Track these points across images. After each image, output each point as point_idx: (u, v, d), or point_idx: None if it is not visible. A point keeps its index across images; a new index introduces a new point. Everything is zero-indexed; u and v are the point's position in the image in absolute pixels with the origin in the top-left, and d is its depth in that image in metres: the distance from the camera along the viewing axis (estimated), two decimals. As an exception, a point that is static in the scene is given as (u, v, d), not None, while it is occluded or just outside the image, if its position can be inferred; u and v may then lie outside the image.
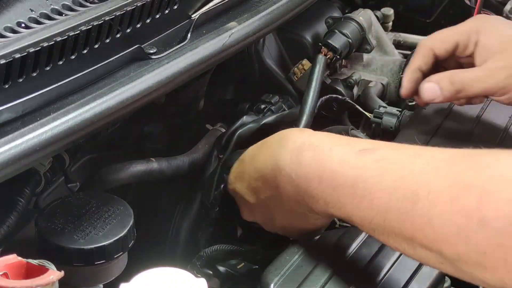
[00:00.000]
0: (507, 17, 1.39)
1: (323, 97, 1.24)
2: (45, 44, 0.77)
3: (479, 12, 1.38)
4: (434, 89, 1.03)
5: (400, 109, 1.22)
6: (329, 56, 1.24)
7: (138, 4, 0.88)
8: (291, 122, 1.16)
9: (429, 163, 0.79)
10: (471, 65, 1.05)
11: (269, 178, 0.92)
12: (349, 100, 1.25)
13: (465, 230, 0.73)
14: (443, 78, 1.04)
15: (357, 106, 1.24)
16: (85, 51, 0.84)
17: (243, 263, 1.00)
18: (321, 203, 0.86)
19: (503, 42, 1.01)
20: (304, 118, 1.14)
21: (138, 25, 0.91)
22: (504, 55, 1.01)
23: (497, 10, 1.42)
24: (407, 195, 0.78)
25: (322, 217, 0.91)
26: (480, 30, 1.03)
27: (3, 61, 0.74)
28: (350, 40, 1.25)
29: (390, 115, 1.20)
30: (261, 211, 0.97)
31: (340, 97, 1.26)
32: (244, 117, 1.15)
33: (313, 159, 0.87)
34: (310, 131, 0.95)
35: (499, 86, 1.01)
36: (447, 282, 0.90)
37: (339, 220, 1.01)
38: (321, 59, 1.21)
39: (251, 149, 0.99)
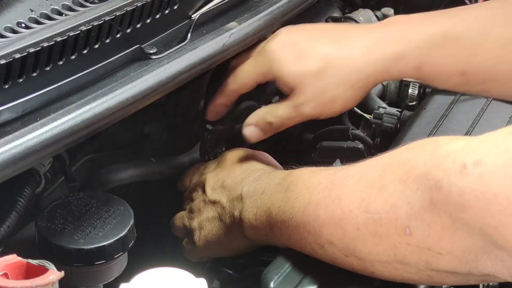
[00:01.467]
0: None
1: None
2: (45, 44, 0.77)
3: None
4: (255, 132, 1.07)
5: (400, 110, 1.22)
6: (329, 56, 1.24)
7: (138, 4, 0.88)
8: None
9: (351, 165, 0.85)
10: None
11: (229, 190, 0.99)
12: None
13: (366, 198, 0.78)
14: (260, 119, 1.07)
15: (355, 109, 1.24)
16: (85, 51, 0.84)
17: (243, 264, 1.00)
18: (252, 215, 0.93)
19: (295, 78, 1.03)
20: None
21: (138, 25, 0.91)
22: (299, 91, 1.03)
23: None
24: (327, 186, 0.83)
25: (242, 242, 0.97)
26: (273, 70, 1.04)
27: (3, 61, 0.74)
28: (350, 40, 1.25)
29: (390, 116, 1.20)
30: (201, 205, 1.01)
31: None
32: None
33: (265, 178, 0.95)
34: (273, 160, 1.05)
35: (307, 116, 1.05)
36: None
37: None
38: None
39: (237, 154, 1.05)
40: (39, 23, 0.80)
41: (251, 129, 1.07)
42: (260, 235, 0.94)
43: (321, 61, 1.02)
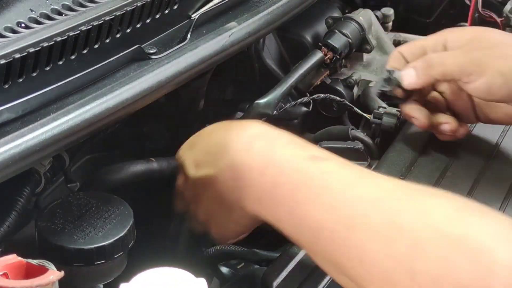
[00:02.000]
0: (507, 17, 1.39)
1: (320, 96, 1.23)
2: (45, 44, 0.77)
3: (475, 13, 1.39)
4: (410, 73, 1.03)
5: (399, 109, 1.22)
6: (329, 56, 1.24)
7: (138, 4, 0.88)
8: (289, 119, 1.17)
9: (371, 190, 0.76)
10: None
11: (214, 156, 0.88)
12: (347, 102, 1.25)
13: (393, 276, 0.70)
14: (419, 61, 1.03)
15: (355, 109, 1.24)
16: (85, 51, 0.84)
17: (243, 263, 1.00)
18: (254, 198, 0.83)
19: (467, 40, 1.01)
20: (272, 94, 1.15)
21: (138, 25, 0.91)
22: (469, 46, 1.00)
23: (497, 10, 1.42)
24: (343, 221, 0.75)
25: (246, 217, 0.87)
26: (446, 37, 1.04)
27: (3, 61, 0.74)
28: (350, 40, 1.25)
29: (389, 116, 1.19)
30: (193, 189, 0.92)
31: (337, 98, 1.26)
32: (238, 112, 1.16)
33: (263, 148, 0.84)
34: (271, 126, 0.90)
35: (474, 64, 0.98)
36: None
37: None
38: (316, 53, 1.22)
39: (213, 125, 0.96)
40: (39, 23, 0.80)
41: (406, 71, 1.03)
42: (265, 214, 0.84)
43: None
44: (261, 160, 0.83)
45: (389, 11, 1.41)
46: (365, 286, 0.72)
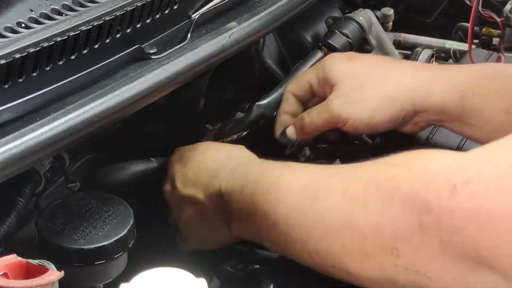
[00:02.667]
0: (507, 17, 1.39)
1: None
2: (45, 44, 0.77)
3: (476, 13, 1.38)
4: (291, 131, 1.09)
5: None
6: (329, 56, 1.24)
7: (138, 4, 0.88)
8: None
9: (333, 169, 0.84)
10: None
11: (203, 180, 0.96)
12: None
13: (350, 215, 0.75)
14: (295, 121, 1.10)
15: None
16: (85, 51, 0.84)
17: (243, 263, 1.00)
18: (237, 219, 0.90)
19: (340, 72, 1.06)
20: (273, 95, 1.16)
21: (138, 25, 0.91)
22: (338, 85, 1.05)
23: (497, 10, 1.42)
24: (309, 196, 0.80)
25: (228, 237, 0.94)
26: (324, 66, 1.09)
27: (3, 61, 0.74)
28: (350, 40, 1.25)
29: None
30: (178, 201, 0.99)
31: None
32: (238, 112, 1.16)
33: (243, 174, 0.91)
34: (246, 151, 0.99)
35: (335, 115, 1.04)
36: None
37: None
38: (317, 53, 1.22)
39: (205, 145, 1.04)
40: (39, 23, 0.80)
41: (290, 129, 1.08)
42: (248, 233, 0.91)
43: (370, 67, 1.05)
44: (240, 184, 0.90)
45: (389, 11, 1.41)
46: (329, 241, 0.77)
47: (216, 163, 0.95)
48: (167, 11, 0.95)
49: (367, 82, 1.03)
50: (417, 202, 0.68)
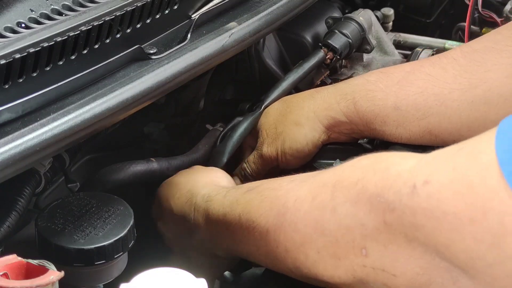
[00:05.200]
0: (507, 17, 1.39)
1: None
2: (45, 44, 0.77)
3: (473, 13, 1.39)
4: (238, 182, 1.13)
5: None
6: (329, 56, 1.24)
7: (138, 4, 0.88)
8: None
9: (299, 179, 0.86)
10: None
11: (190, 207, 0.98)
12: None
13: (321, 222, 0.78)
14: (238, 169, 1.14)
15: None
16: (85, 51, 0.84)
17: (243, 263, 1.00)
18: (224, 247, 0.93)
19: (261, 123, 1.14)
20: (276, 93, 1.17)
21: (138, 25, 0.91)
22: (260, 133, 1.13)
23: (497, 10, 1.42)
24: (280, 211, 0.84)
25: (215, 257, 0.97)
26: (261, 124, 1.15)
27: (3, 61, 0.74)
28: (350, 40, 1.25)
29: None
30: (168, 221, 1.02)
31: None
32: (236, 118, 1.17)
33: (221, 198, 0.94)
34: (220, 176, 1.04)
35: (267, 157, 1.11)
36: None
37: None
38: (319, 54, 1.22)
39: (193, 170, 1.06)
40: (39, 23, 0.80)
41: (236, 180, 1.12)
42: (233, 254, 0.95)
43: (278, 111, 1.13)
44: (221, 209, 0.93)
45: (389, 11, 1.41)
46: (305, 249, 0.80)
47: (184, 202, 0.99)
48: (167, 11, 0.95)
49: (280, 120, 1.11)
50: (381, 202, 0.72)
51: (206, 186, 0.99)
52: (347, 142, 1.13)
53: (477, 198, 0.65)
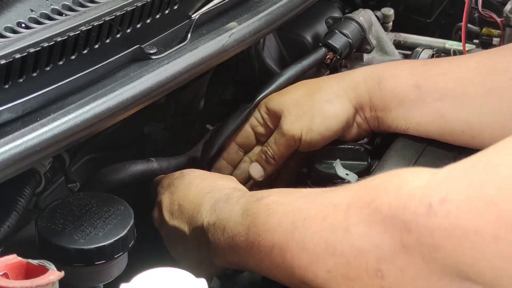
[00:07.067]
0: (507, 17, 1.39)
1: None
2: (45, 44, 0.77)
3: (473, 13, 1.39)
4: (258, 168, 1.12)
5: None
6: (329, 56, 1.24)
7: (138, 4, 0.88)
8: None
9: (308, 197, 0.84)
10: None
11: (187, 215, 0.97)
12: None
13: (332, 242, 0.76)
14: (259, 155, 1.13)
15: None
16: (85, 51, 0.84)
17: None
18: (220, 253, 0.91)
19: (281, 102, 1.11)
20: (271, 88, 1.16)
21: (138, 25, 0.91)
22: (284, 112, 1.10)
23: (497, 10, 1.42)
24: (288, 228, 0.82)
25: (213, 264, 0.95)
26: (265, 104, 1.13)
27: (3, 61, 0.74)
28: (350, 40, 1.25)
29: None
30: (166, 228, 1.00)
31: None
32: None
33: (223, 211, 0.92)
34: (232, 182, 1.01)
35: (290, 136, 1.09)
36: None
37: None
38: (319, 52, 1.22)
39: (192, 176, 1.03)
40: (39, 23, 0.80)
41: (255, 167, 1.11)
42: (235, 266, 0.93)
43: (302, 88, 1.12)
44: (221, 224, 0.91)
45: (389, 11, 1.41)
46: (314, 269, 0.78)
47: (198, 197, 0.97)
48: (167, 11, 0.95)
49: (305, 99, 1.10)
50: (397, 223, 0.70)
51: (208, 202, 0.97)
52: (347, 142, 1.13)
53: (499, 214, 0.63)
